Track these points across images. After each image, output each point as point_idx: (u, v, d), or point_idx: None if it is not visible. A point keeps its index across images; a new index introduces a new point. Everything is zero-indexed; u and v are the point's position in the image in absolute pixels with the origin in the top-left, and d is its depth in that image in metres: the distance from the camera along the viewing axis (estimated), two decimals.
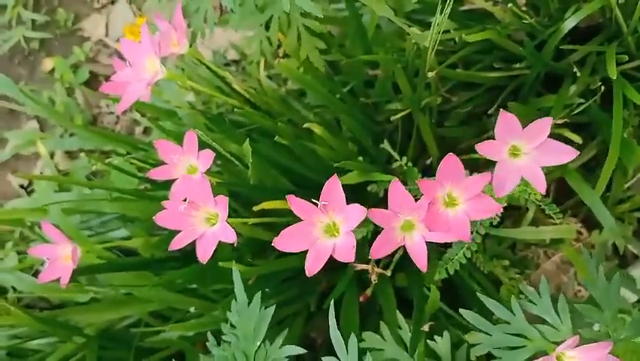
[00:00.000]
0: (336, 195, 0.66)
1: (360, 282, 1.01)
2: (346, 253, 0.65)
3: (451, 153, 0.64)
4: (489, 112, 0.97)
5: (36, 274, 1.29)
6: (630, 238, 1.18)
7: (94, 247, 1.01)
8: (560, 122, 0.83)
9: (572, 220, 1.12)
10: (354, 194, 0.74)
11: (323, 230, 0.67)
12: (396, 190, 0.66)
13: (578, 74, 0.92)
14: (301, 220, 0.68)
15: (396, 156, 0.86)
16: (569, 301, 0.69)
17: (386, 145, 0.94)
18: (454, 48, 0.97)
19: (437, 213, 0.65)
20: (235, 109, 0.94)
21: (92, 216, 1.25)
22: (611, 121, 0.96)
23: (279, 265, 0.93)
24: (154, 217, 0.73)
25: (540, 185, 0.65)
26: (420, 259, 0.65)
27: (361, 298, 0.90)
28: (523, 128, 0.66)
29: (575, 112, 0.92)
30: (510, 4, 0.90)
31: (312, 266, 0.66)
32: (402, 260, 0.98)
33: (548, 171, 1.05)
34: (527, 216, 1.02)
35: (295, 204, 0.66)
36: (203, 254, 0.72)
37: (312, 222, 0.67)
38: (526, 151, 0.66)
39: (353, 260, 0.64)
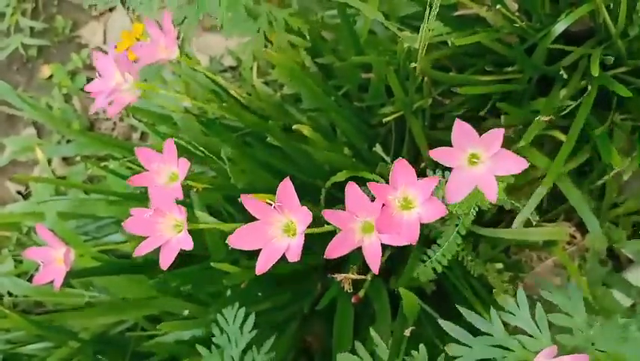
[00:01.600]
0: (289, 196, 0.66)
1: (354, 286, 1.01)
2: (296, 253, 0.65)
3: (401, 158, 0.64)
4: (481, 114, 0.98)
5: (32, 279, 1.30)
6: (624, 241, 1.19)
7: (89, 250, 1.02)
8: (545, 118, 0.83)
9: (565, 224, 1.13)
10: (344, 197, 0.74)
11: (281, 230, 0.67)
12: (353, 192, 0.66)
13: (565, 76, 0.92)
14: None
15: (387, 158, 0.87)
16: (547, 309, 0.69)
17: (378, 149, 0.95)
18: (447, 52, 0.98)
19: (390, 215, 0.64)
20: (227, 109, 0.95)
21: (89, 221, 1.26)
22: (602, 124, 0.97)
23: (271, 268, 0.93)
24: (122, 224, 0.73)
25: (492, 194, 0.65)
26: (373, 260, 0.66)
27: (353, 300, 0.90)
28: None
29: (562, 113, 0.93)
30: (499, 6, 0.90)
31: (263, 265, 0.66)
32: (398, 265, 0.98)
33: (541, 176, 1.07)
34: (519, 219, 1.03)
35: (249, 204, 0.67)
36: (166, 261, 0.72)
37: (268, 221, 0.67)
38: (483, 160, 0.66)
39: (298, 259, 0.64)
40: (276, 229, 0.67)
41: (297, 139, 0.95)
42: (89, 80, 1.68)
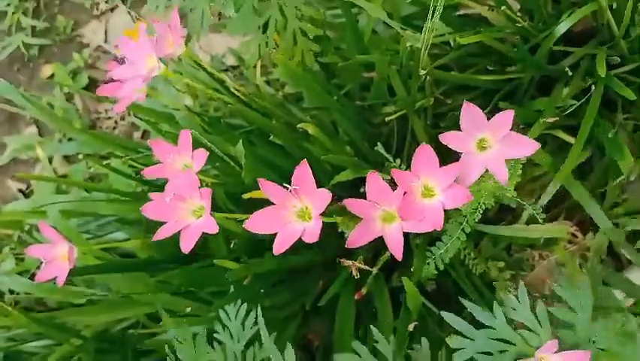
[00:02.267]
0: (306, 179, 0.67)
1: (356, 283, 1.01)
2: (313, 235, 0.66)
3: (425, 144, 0.65)
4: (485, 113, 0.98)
5: (33, 277, 1.30)
6: (624, 241, 1.19)
7: (91, 248, 1.02)
8: (551, 120, 0.84)
9: (567, 223, 1.13)
10: (349, 195, 0.74)
11: (296, 214, 0.68)
12: (374, 181, 0.66)
13: (570, 73, 0.93)
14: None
15: (389, 157, 0.87)
16: (549, 306, 0.69)
17: (380, 148, 0.95)
18: (450, 52, 0.98)
19: (412, 203, 0.65)
20: (230, 107, 0.95)
21: (90, 219, 1.26)
22: (603, 123, 0.97)
23: (273, 264, 0.93)
24: (140, 208, 0.74)
25: (502, 177, 0.66)
26: (396, 248, 0.66)
27: (356, 296, 0.90)
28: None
29: (566, 113, 0.93)
30: (502, 7, 0.91)
31: (280, 246, 0.67)
32: (400, 262, 0.98)
33: (543, 173, 1.07)
34: (522, 217, 1.03)
35: (267, 187, 0.68)
36: (187, 244, 0.73)
37: (284, 205, 0.68)
38: (492, 144, 0.67)
39: (316, 240, 0.65)
40: (291, 213, 0.68)
41: (300, 138, 0.95)
42: (91, 79, 1.69)
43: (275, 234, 0.69)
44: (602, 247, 1.14)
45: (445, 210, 0.66)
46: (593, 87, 0.93)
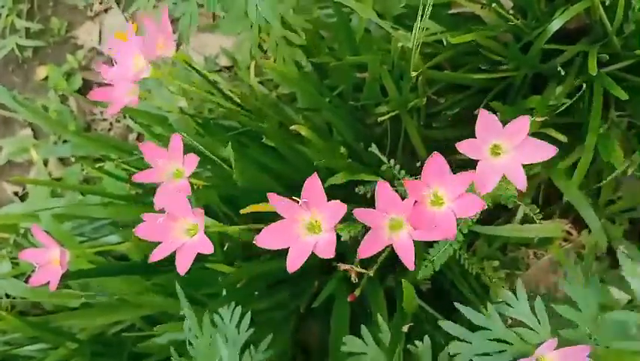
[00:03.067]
0: (316, 192, 0.66)
1: (351, 284, 1.01)
2: (327, 249, 0.65)
3: (437, 153, 0.65)
4: (475, 113, 0.98)
5: (29, 280, 1.29)
6: (621, 238, 1.19)
7: (85, 251, 1.01)
8: (540, 119, 0.84)
9: (562, 221, 1.13)
10: (342, 196, 0.74)
11: (305, 228, 0.68)
12: (383, 190, 0.66)
13: (562, 72, 0.92)
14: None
15: (383, 158, 0.87)
16: (546, 304, 0.69)
17: (374, 148, 0.95)
18: (442, 51, 0.98)
19: (423, 212, 0.65)
20: (223, 110, 0.95)
21: (84, 222, 1.25)
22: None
23: (267, 267, 0.93)
24: (133, 230, 0.73)
25: (520, 183, 0.66)
26: (407, 257, 0.66)
27: (349, 298, 0.90)
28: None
29: (558, 111, 0.93)
30: (494, 4, 0.90)
31: (294, 263, 0.67)
32: (393, 262, 0.98)
33: (536, 173, 1.07)
34: (517, 217, 1.03)
35: (277, 202, 0.67)
36: (183, 265, 0.71)
37: (294, 219, 0.67)
38: (507, 150, 0.67)
39: (333, 256, 0.64)
40: (301, 227, 0.67)
41: (292, 139, 0.95)
42: (85, 80, 1.68)
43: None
44: (598, 245, 1.14)
45: None
46: (584, 85, 0.93)
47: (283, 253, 0.73)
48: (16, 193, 1.63)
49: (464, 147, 0.66)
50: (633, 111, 1.06)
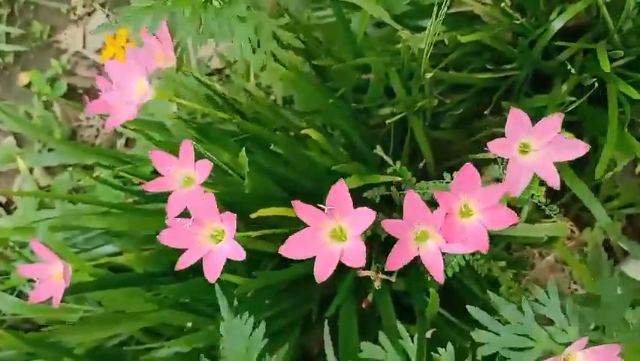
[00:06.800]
0: (343, 199, 0.65)
1: (358, 289, 1.00)
2: (356, 257, 0.64)
3: (469, 163, 0.63)
4: (485, 113, 0.98)
5: (19, 295, 1.25)
6: (619, 234, 1.20)
7: (84, 264, 0.98)
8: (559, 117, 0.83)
9: (563, 219, 1.13)
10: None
11: (329, 235, 0.66)
12: (413, 201, 0.65)
13: (573, 71, 0.92)
14: (305, 227, 0.67)
15: (389, 160, 0.86)
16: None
17: (379, 150, 0.94)
18: (445, 51, 0.97)
19: (454, 224, 0.64)
20: (225, 119, 0.93)
21: (76, 233, 1.22)
22: (601, 117, 0.97)
23: (278, 277, 0.91)
24: (158, 236, 0.70)
25: (554, 181, 0.65)
26: (436, 269, 0.65)
27: (363, 305, 0.89)
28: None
29: (567, 110, 0.92)
30: (501, 4, 0.90)
31: (322, 272, 0.65)
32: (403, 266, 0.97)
33: None
34: (522, 215, 1.02)
35: (301, 209, 0.65)
36: (212, 273, 0.69)
37: (318, 227, 0.66)
38: (536, 148, 0.66)
39: (363, 264, 0.63)
40: (325, 235, 0.66)
41: (297, 143, 0.93)
42: (70, 86, 1.64)
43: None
44: (599, 242, 1.15)
45: None
46: (595, 84, 0.93)
47: (289, 261, 0.70)
48: (1, 204, 1.58)
49: (495, 147, 0.65)
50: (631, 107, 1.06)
